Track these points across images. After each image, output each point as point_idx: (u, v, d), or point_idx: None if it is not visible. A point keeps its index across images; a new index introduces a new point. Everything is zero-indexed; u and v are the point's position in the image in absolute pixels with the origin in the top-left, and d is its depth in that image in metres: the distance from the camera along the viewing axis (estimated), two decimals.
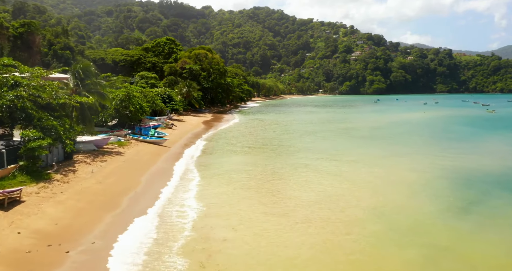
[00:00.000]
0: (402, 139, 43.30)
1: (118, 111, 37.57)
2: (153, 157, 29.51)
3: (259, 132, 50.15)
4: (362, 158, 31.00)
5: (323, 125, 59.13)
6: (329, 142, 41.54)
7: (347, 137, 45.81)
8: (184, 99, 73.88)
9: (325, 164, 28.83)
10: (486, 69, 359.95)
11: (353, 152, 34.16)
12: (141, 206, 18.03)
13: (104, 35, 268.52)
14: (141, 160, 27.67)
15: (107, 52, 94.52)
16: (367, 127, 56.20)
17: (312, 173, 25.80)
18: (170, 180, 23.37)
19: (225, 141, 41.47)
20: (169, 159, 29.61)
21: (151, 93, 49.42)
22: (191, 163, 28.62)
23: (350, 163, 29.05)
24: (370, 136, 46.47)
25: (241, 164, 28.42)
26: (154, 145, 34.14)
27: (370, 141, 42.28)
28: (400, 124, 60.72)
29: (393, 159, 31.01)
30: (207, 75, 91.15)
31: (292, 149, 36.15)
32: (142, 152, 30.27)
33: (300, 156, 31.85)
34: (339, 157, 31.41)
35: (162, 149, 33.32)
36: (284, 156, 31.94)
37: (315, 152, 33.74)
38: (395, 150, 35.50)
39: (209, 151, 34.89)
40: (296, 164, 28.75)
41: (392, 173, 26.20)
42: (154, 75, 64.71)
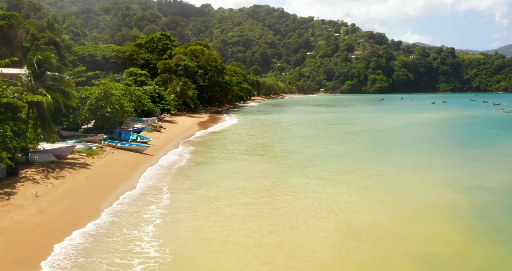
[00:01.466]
0: (426, 146, 37.22)
1: (94, 112, 31.99)
2: (128, 170, 23.89)
3: (259, 135, 44.56)
4: (386, 173, 25.16)
5: (330, 128, 53.28)
6: (341, 148, 35.46)
7: (360, 142, 39.76)
8: (178, 98, 68.31)
9: (344, 180, 23.18)
10: (489, 68, 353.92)
11: (373, 163, 28.36)
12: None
13: (102, 33, 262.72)
14: (110, 175, 22.04)
15: (97, 48, 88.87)
16: (380, 130, 50.40)
17: (333, 195, 20.18)
18: (144, 209, 17.72)
19: (220, 147, 35.84)
20: (148, 173, 23.95)
21: (138, 91, 43.79)
22: (174, 180, 22.95)
23: (374, 180, 23.19)
24: (388, 141, 40.57)
25: (237, 183, 22.59)
26: (133, 153, 28.56)
27: (389, 147, 36.33)
28: (416, 127, 54.93)
29: (426, 174, 24.99)
30: (203, 73, 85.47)
31: (300, 158, 30.41)
32: (115, 164, 24.66)
33: (312, 169, 26.11)
34: (359, 171, 25.40)
35: (143, 158, 27.71)
36: (294, 170, 25.97)
37: (329, 164, 27.88)
38: (424, 161, 29.30)
39: (200, 159, 29.29)
40: (309, 181, 23.09)
41: (433, 196, 20.39)
42: (144, 72, 59.05)
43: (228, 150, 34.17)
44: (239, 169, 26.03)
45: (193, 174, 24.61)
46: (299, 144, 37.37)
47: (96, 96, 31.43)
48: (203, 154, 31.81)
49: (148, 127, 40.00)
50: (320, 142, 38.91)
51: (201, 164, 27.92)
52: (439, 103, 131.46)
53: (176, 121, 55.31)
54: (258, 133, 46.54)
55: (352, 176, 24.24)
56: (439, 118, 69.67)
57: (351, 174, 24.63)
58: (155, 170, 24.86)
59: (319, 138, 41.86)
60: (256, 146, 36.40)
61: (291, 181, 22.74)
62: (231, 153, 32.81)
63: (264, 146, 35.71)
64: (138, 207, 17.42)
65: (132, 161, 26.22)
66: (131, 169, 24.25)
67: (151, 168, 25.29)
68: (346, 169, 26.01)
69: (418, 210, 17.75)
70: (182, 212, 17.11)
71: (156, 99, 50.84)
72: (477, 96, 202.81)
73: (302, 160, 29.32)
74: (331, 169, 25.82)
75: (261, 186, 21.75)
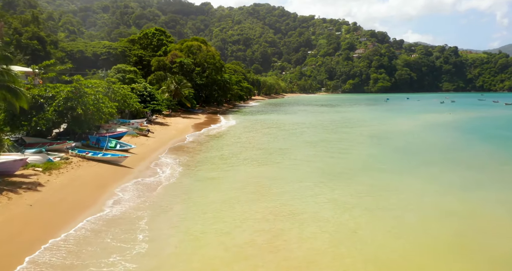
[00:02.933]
0: (458, 154, 31.30)
1: (63, 114, 26.50)
2: (93, 190, 18.41)
3: (260, 141, 38.96)
4: (425, 198, 19.61)
5: (340, 131, 47.32)
6: (360, 160, 28.80)
7: (380, 150, 33.59)
8: (172, 97, 62.84)
9: (374, 208, 17.71)
10: (493, 67, 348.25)
11: (404, 181, 22.68)
12: None
13: (98, 31, 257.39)
14: (65, 201, 16.55)
15: (88, 44, 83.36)
16: (397, 134, 44.53)
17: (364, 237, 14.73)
18: (99, 264, 12.19)
19: (215, 156, 30.24)
20: (120, 195, 18.45)
21: (123, 90, 38.27)
22: (155, 206, 17.49)
23: (415, 213, 17.48)
24: (411, 149, 34.27)
25: (232, 213, 17.10)
26: (107, 166, 23.10)
27: (414, 157, 30.17)
28: (437, 130, 48.77)
29: (475, 198, 19.54)
30: (201, 71, 80.00)
31: (309, 172, 24.88)
32: (78, 182, 19.18)
33: (327, 189, 20.64)
34: (392, 196, 19.66)
35: (118, 172, 22.24)
36: (302, 190, 20.59)
37: (347, 182, 22.13)
38: (474, 177, 23.53)
39: (190, 174, 23.80)
40: (323, 206, 17.66)
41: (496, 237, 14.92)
42: (134, 69, 53.46)
43: (224, 160, 28.48)
44: (234, 192, 20.48)
45: (179, 196, 19.11)
46: (307, 152, 31.58)
47: (66, 95, 25.94)
48: (194, 166, 26.24)
49: (132, 132, 34.48)
50: (332, 150, 33.17)
51: (191, 180, 22.36)
52: (448, 103, 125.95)
53: (169, 123, 49.81)
54: (259, 138, 40.95)
55: (381, 202, 18.71)
56: (456, 119, 63.93)
57: (379, 200, 19.09)
58: (131, 190, 19.37)
59: (330, 144, 35.96)
60: (257, 155, 30.72)
61: (300, 207, 17.29)
62: (228, 164, 27.25)
63: (266, 157, 29.96)
64: (93, 258, 11.91)
65: (103, 177, 20.72)
66: (98, 189, 18.75)
67: (126, 186, 19.80)
68: (370, 191, 20.47)
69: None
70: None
71: (146, 98, 45.27)
72: (484, 96, 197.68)
73: (311, 174, 23.74)
74: (350, 191, 20.19)
75: (261, 216, 16.29)
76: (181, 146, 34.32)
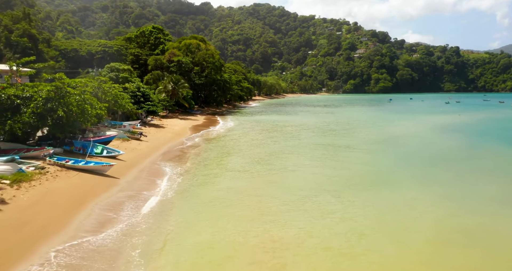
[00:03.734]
0: (483, 163, 28.04)
1: (42, 117, 23.57)
2: (68, 210, 15.46)
3: (262, 144, 35.99)
4: (452, 219, 16.75)
5: (348, 134, 43.37)
6: (374, 172, 24.29)
7: (393, 158, 29.90)
8: (169, 98, 59.99)
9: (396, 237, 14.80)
10: (495, 68, 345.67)
11: (422, 197, 19.66)
12: None
13: (96, 30, 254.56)
14: (31, 224, 13.60)
15: (82, 43, 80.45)
16: (408, 138, 41.10)
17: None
18: None
19: (213, 163, 27.34)
20: (99, 215, 15.51)
21: (114, 89, 35.35)
22: (143, 232, 14.62)
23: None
24: (426, 156, 30.66)
25: (233, 240, 14.19)
26: (89, 176, 20.17)
27: (431, 166, 26.55)
28: (447, 133, 45.29)
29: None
30: (199, 70, 77.12)
31: (316, 183, 21.91)
32: (51, 197, 16.26)
33: (343, 208, 17.66)
34: (414, 217, 16.89)
35: (101, 184, 19.31)
36: (307, 205, 17.63)
37: (360, 196, 18.98)
38: (501, 192, 20.35)
39: (184, 187, 20.90)
40: (334, 229, 14.79)
41: None
42: (128, 67, 50.50)
43: (221, 169, 25.43)
44: (229, 209, 17.58)
45: (172, 217, 16.21)
46: (313, 162, 27.90)
47: (46, 96, 23.01)
48: (190, 176, 23.28)
49: (123, 135, 31.52)
50: (340, 157, 29.95)
51: (184, 196, 19.40)
52: (453, 103, 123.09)
53: (165, 125, 46.87)
54: (260, 143, 37.94)
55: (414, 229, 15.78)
56: (467, 121, 60.79)
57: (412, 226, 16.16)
58: (115, 207, 16.45)
59: (337, 150, 32.57)
60: (257, 164, 27.68)
61: (306, 230, 14.40)
62: (225, 174, 24.34)
63: (268, 167, 26.86)
64: None
65: (82, 191, 17.78)
66: (75, 206, 15.81)
67: (111, 202, 16.88)
68: (389, 209, 17.54)
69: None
70: None
71: (140, 99, 42.31)
72: (487, 96, 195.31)
73: (318, 188, 20.74)
74: (365, 210, 17.24)
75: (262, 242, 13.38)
76: (177, 151, 31.34)
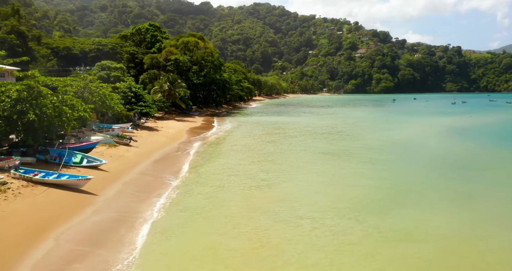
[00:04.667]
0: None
1: (11, 120, 20.25)
2: (19, 243, 12.09)
3: (262, 152, 32.68)
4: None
5: (360, 140, 38.61)
6: (394, 189, 20.16)
7: (412, 170, 25.51)
8: (166, 98, 56.68)
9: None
10: (497, 67, 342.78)
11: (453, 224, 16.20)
12: None
13: (93, 30, 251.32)
14: None
15: (76, 41, 77.04)
16: (424, 143, 37.12)
17: None
18: None
19: (209, 176, 23.85)
20: (63, 249, 12.13)
21: (103, 89, 32.00)
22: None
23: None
24: (449, 167, 26.75)
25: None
26: (62, 192, 16.82)
27: (459, 181, 22.67)
28: (464, 137, 41.32)
29: None
30: (198, 69, 73.77)
31: (326, 206, 18.45)
32: (5, 223, 12.90)
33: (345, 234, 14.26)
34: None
35: (74, 203, 15.95)
36: (325, 251, 14.07)
37: (384, 225, 15.72)
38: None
39: (174, 206, 17.56)
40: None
41: None
42: (120, 66, 47.09)
43: (219, 185, 21.60)
44: (221, 237, 14.26)
45: (163, 247, 12.88)
46: (320, 177, 22.84)
47: (16, 97, 19.69)
48: (186, 190, 19.95)
49: (110, 140, 28.11)
50: (355, 168, 26.08)
51: (173, 219, 16.07)
52: (459, 104, 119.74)
53: (160, 127, 43.49)
54: (262, 147, 34.60)
55: None
56: (481, 123, 57.07)
57: None
58: (88, 236, 13.09)
59: (350, 160, 28.13)
60: (258, 177, 24.27)
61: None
62: (222, 191, 20.98)
63: (269, 182, 23.26)
64: None
65: (46, 214, 14.37)
66: (30, 238, 12.42)
67: (82, 229, 13.53)
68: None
69: None
70: None
71: (131, 100, 38.90)
72: (490, 96, 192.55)
73: (328, 212, 17.26)
74: (387, 239, 13.87)
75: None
76: (171, 158, 27.95)
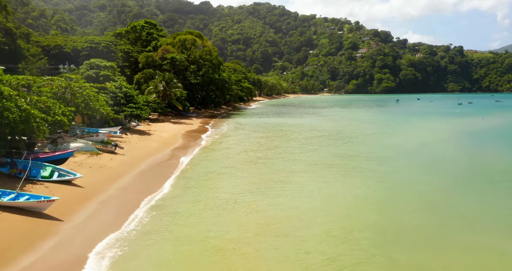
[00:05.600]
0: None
1: None
2: None
3: (263, 161, 29.32)
4: None
5: (376, 147, 33.75)
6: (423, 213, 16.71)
7: (464, 190, 20.85)
8: (161, 99, 53.36)
9: None
10: (500, 67, 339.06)
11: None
12: None
13: (90, 29, 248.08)
14: None
15: (68, 38, 73.71)
16: (449, 151, 33.61)
17: None
18: None
19: (202, 192, 20.56)
20: None
21: (87, 89, 28.64)
22: None
23: None
24: (484, 182, 22.80)
25: None
26: (19, 217, 13.46)
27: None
28: (486, 142, 38.14)
29: None
30: (196, 69, 70.46)
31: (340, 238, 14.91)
32: None
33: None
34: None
35: (30, 234, 12.60)
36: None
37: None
38: None
39: (161, 230, 14.20)
40: None
41: None
42: (111, 64, 43.67)
43: (212, 205, 18.36)
44: None
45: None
46: (331, 200, 18.68)
47: None
48: (171, 211, 16.61)
49: (91, 148, 24.73)
50: (373, 183, 22.65)
51: (159, 252, 12.71)
52: (465, 104, 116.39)
53: (153, 131, 40.14)
54: (264, 155, 31.25)
55: None
56: (497, 126, 53.73)
57: None
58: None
59: (368, 172, 24.51)
60: (260, 194, 21.02)
61: None
62: (216, 212, 17.61)
63: (270, 200, 20.14)
64: None
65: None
66: None
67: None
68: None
69: None
70: None
71: (120, 101, 35.49)
72: (494, 97, 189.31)
73: (340, 245, 14.01)
74: None
75: None
76: (159, 169, 24.54)
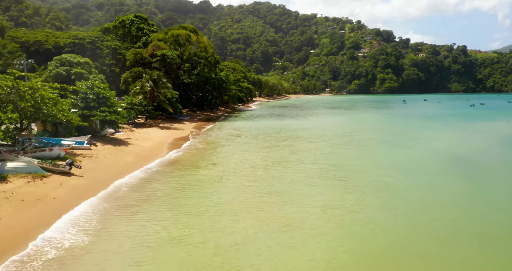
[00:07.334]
0: None
1: None
2: None
3: (262, 177, 23.07)
4: None
5: (403, 157, 28.76)
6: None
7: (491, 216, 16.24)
8: (148, 101, 47.16)
9: None
10: (504, 67, 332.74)
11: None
12: None
13: (86, 27, 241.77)
14: None
15: (50, 34, 67.56)
16: (500, 169, 27.39)
17: None
18: None
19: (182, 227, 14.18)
20: None
21: (41, 90, 22.43)
22: None
23: None
24: None
25: None
26: None
27: None
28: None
29: None
30: (190, 67, 64.28)
31: None
32: None
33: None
34: None
35: None
36: None
37: None
38: None
39: None
40: None
41: None
42: (85, 60, 37.42)
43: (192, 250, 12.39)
44: None
45: None
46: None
47: None
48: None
49: (36, 168, 18.47)
50: (410, 210, 16.86)
51: None
52: (477, 106, 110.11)
53: (134, 139, 33.88)
54: (262, 173, 25.02)
55: None
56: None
57: None
58: None
59: (393, 200, 19.50)
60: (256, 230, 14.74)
61: None
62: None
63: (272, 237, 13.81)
64: None
65: None
66: None
67: None
68: None
69: None
70: None
71: (90, 103, 29.18)
72: (501, 97, 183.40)
73: None
74: None
75: None
76: (122, 199, 18.23)
